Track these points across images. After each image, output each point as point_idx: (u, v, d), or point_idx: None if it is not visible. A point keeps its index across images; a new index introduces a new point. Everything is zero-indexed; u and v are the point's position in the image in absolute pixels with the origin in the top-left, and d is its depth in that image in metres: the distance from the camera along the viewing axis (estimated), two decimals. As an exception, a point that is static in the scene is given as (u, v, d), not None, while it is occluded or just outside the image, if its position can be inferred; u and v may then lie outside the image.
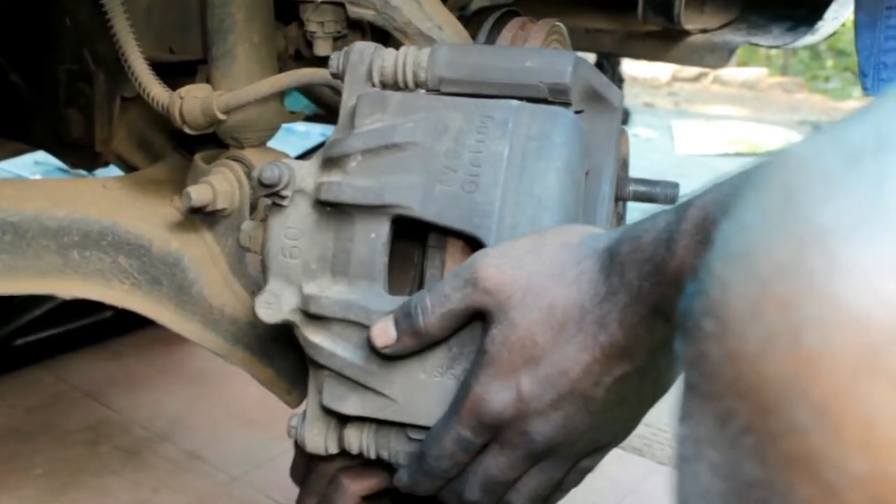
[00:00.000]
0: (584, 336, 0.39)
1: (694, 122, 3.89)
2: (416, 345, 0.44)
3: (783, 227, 0.20)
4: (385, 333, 0.44)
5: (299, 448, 0.54)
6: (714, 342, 0.21)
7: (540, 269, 0.41)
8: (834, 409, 0.18)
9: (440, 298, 0.43)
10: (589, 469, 0.46)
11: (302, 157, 1.23)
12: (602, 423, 0.42)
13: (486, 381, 0.41)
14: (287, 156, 0.70)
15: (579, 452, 0.43)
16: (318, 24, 0.65)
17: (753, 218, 0.21)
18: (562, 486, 0.45)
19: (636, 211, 0.50)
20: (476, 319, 0.43)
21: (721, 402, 0.21)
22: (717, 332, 0.21)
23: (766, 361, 0.20)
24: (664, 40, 0.94)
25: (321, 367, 0.48)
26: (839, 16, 0.85)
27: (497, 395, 0.41)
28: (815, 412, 0.19)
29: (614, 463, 0.47)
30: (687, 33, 0.89)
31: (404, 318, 0.44)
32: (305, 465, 0.55)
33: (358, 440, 0.50)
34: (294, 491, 0.58)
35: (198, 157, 0.69)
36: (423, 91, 0.52)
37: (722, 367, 0.21)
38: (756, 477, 0.20)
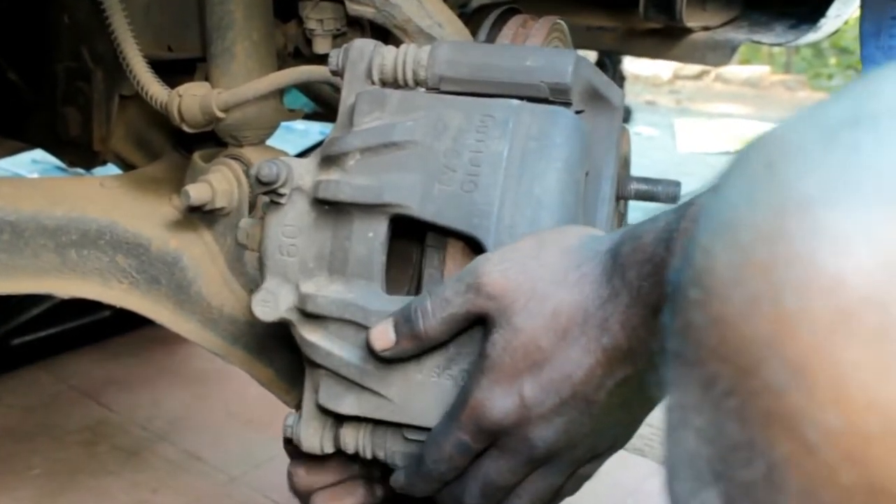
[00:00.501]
0: (587, 339, 0.39)
1: (696, 120, 3.89)
2: (416, 348, 0.44)
3: (764, 198, 0.21)
4: (384, 336, 0.44)
5: (292, 453, 0.54)
6: (699, 309, 0.22)
7: (543, 274, 0.40)
8: (809, 367, 0.19)
9: (441, 302, 0.42)
10: (588, 476, 0.45)
11: (301, 155, 1.22)
12: (603, 428, 0.42)
13: (487, 387, 0.41)
14: (286, 154, 0.70)
15: (580, 458, 0.43)
16: (318, 21, 0.65)
17: (736, 191, 0.22)
18: (560, 493, 0.45)
19: (638, 210, 0.50)
20: (476, 324, 0.43)
21: (705, 367, 0.22)
22: (701, 299, 0.22)
23: (748, 324, 0.20)
24: (666, 38, 0.93)
25: (318, 366, 0.48)
26: (842, 13, 0.85)
27: (498, 402, 0.40)
28: (792, 371, 0.20)
29: (616, 464, 0.46)
30: (689, 31, 0.89)
31: (404, 322, 0.44)
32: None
33: (354, 440, 0.50)
34: (293, 492, 0.57)
35: (196, 156, 0.69)
36: (422, 89, 0.52)
37: (706, 332, 0.22)
38: (739, 438, 0.21)
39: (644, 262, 0.37)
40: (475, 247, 0.47)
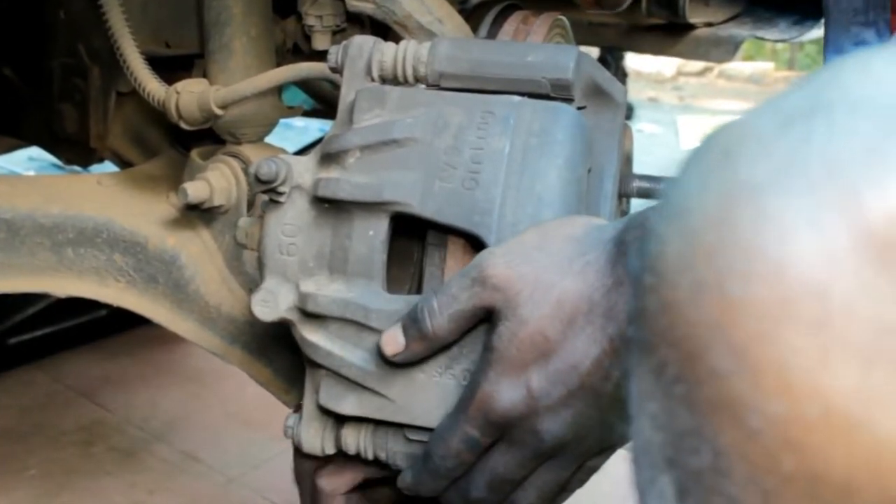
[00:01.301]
0: (593, 329, 0.39)
1: (699, 117, 3.88)
2: (426, 349, 0.43)
3: (715, 184, 0.21)
4: (394, 341, 0.43)
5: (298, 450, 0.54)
6: (651, 294, 0.22)
7: (547, 264, 0.40)
8: (752, 354, 0.19)
9: (447, 299, 0.42)
10: (595, 469, 0.45)
11: (300, 152, 1.22)
12: (611, 421, 0.41)
13: (494, 379, 0.40)
14: (285, 151, 0.69)
15: (587, 451, 0.43)
16: (317, 17, 0.65)
17: (692, 177, 0.22)
18: (567, 487, 0.45)
19: (640, 208, 0.49)
20: (484, 321, 0.43)
21: (656, 353, 0.22)
22: (654, 285, 0.22)
23: (694, 309, 0.21)
24: (669, 34, 0.93)
25: (318, 366, 0.48)
26: (846, 10, 0.84)
27: (506, 394, 0.40)
28: (735, 357, 0.20)
29: (618, 463, 0.46)
30: (692, 27, 0.89)
31: (411, 324, 0.43)
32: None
33: (355, 440, 0.49)
34: (292, 493, 0.57)
35: (194, 153, 0.69)
36: (422, 86, 0.51)
37: (657, 318, 0.22)
38: (687, 425, 0.21)
39: None
40: (476, 244, 0.46)
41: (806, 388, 0.19)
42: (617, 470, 0.48)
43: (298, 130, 2.49)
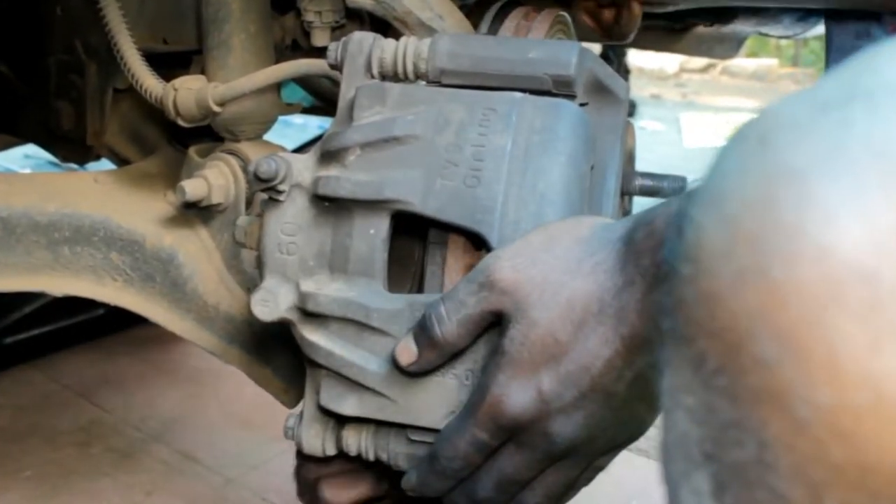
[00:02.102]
0: (605, 329, 0.38)
1: (702, 114, 3.87)
2: (439, 357, 0.43)
3: (754, 169, 0.21)
4: (407, 351, 0.43)
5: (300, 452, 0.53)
6: (689, 284, 0.22)
7: (555, 265, 0.40)
8: (799, 340, 0.19)
9: (455, 305, 0.42)
10: (602, 468, 0.45)
11: (299, 150, 1.21)
12: (623, 421, 0.41)
13: (504, 383, 0.40)
14: (284, 149, 0.69)
15: (598, 451, 0.42)
16: (316, 13, 0.64)
17: (729, 164, 0.22)
18: (574, 486, 0.44)
19: (643, 206, 0.49)
20: (493, 325, 0.42)
21: (695, 345, 0.21)
22: (692, 274, 0.22)
23: (736, 297, 0.20)
24: (671, 31, 0.93)
25: (319, 366, 0.47)
26: (851, 5, 0.84)
27: (516, 397, 0.40)
28: (781, 344, 0.19)
29: (621, 465, 0.46)
30: (695, 23, 0.88)
31: (421, 332, 0.43)
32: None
33: (356, 441, 0.49)
34: (291, 494, 0.56)
35: (192, 151, 0.68)
36: (423, 83, 0.51)
37: (696, 308, 0.21)
38: (729, 417, 0.21)
39: (658, 248, 0.37)
40: (478, 243, 0.46)
41: (856, 375, 0.18)
42: (619, 471, 0.48)
43: (297, 128, 2.49)
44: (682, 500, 0.23)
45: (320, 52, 0.58)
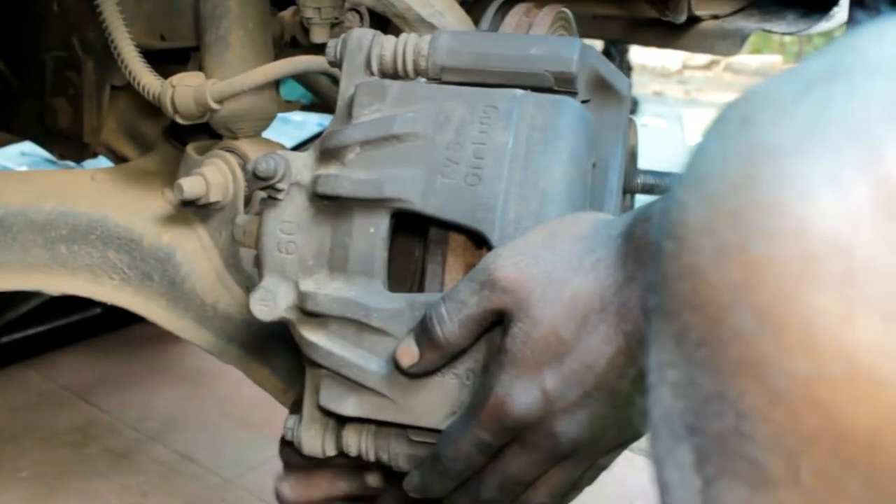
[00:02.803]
0: (607, 327, 0.38)
1: (705, 111, 3.86)
2: (441, 358, 0.43)
3: (735, 149, 0.21)
4: (409, 352, 0.43)
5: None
6: (672, 260, 0.22)
7: (556, 263, 0.40)
8: (776, 312, 0.20)
9: (456, 305, 0.41)
10: (606, 466, 0.44)
11: (298, 147, 1.21)
12: (626, 418, 0.41)
13: (507, 383, 0.40)
14: (283, 147, 0.69)
15: (602, 449, 0.42)
16: (315, 9, 0.64)
17: (711, 144, 0.23)
18: (577, 485, 0.44)
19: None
20: (495, 325, 0.42)
21: (678, 319, 0.22)
22: (675, 251, 0.22)
23: (717, 272, 0.21)
24: (674, 27, 0.92)
25: (318, 366, 0.47)
26: (854, 2, 0.84)
27: (520, 397, 0.39)
28: (759, 317, 0.20)
29: (623, 465, 0.45)
30: (698, 19, 0.88)
31: (422, 333, 0.43)
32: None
33: (357, 442, 0.48)
34: (289, 494, 0.56)
35: (190, 148, 0.68)
36: (423, 80, 0.50)
37: (679, 283, 0.22)
38: (710, 389, 0.21)
39: None
40: (479, 241, 0.45)
41: (830, 345, 0.19)
42: (621, 472, 0.48)
43: (296, 125, 2.48)
44: (667, 475, 0.23)
45: (320, 49, 0.57)
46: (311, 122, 2.48)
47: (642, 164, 0.61)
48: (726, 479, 0.21)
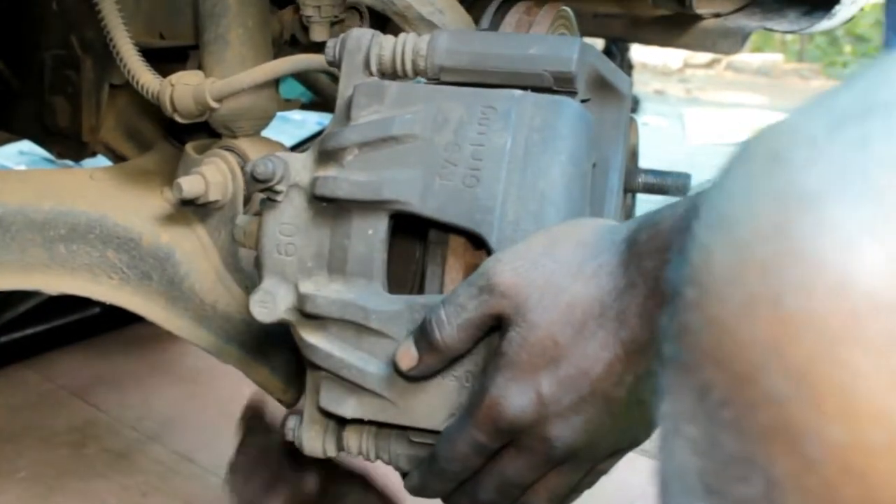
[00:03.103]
0: (605, 333, 0.38)
1: (706, 110, 3.84)
2: (439, 362, 0.43)
3: (766, 192, 0.20)
4: (408, 355, 0.43)
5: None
6: (695, 310, 0.21)
7: (556, 269, 0.39)
8: (813, 375, 0.18)
9: (455, 309, 0.41)
10: (605, 471, 0.45)
11: (298, 146, 1.21)
12: (623, 426, 0.41)
13: (503, 385, 0.40)
14: (282, 145, 0.69)
15: (599, 456, 0.42)
16: (315, 8, 0.63)
17: (738, 184, 0.21)
18: (577, 489, 0.44)
19: (647, 203, 0.48)
20: (494, 329, 0.42)
21: (700, 373, 0.21)
22: (697, 300, 0.21)
23: (745, 327, 0.19)
24: (675, 25, 0.92)
25: (318, 368, 0.47)
26: (857, 0, 0.83)
27: (515, 400, 0.39)
28: (793, 379, 0.18)
29: (624, 466, 0.45)
30: (699, 18, 0.88)
31: (422, 337, 0.43)
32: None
33: (357, 443, 0.49)
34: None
35: (189, 147, 0.68)
36: (422, 80, 0.50)
37: (701, 336, 0.21)
38: (734, 452, 0.20)
39: (661, 251, 0.36)
40: (479, 243, 0.45)
41: (871, 412, 0.18)
42: (622, 473, 0.47)
43: (296, 124, 2.48)
44: None
45: (319, 48, 0.57)
46: (311, 121, 2.48)
47: (643, 163, 0.61)
48: None
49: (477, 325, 0.41)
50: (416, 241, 0.51)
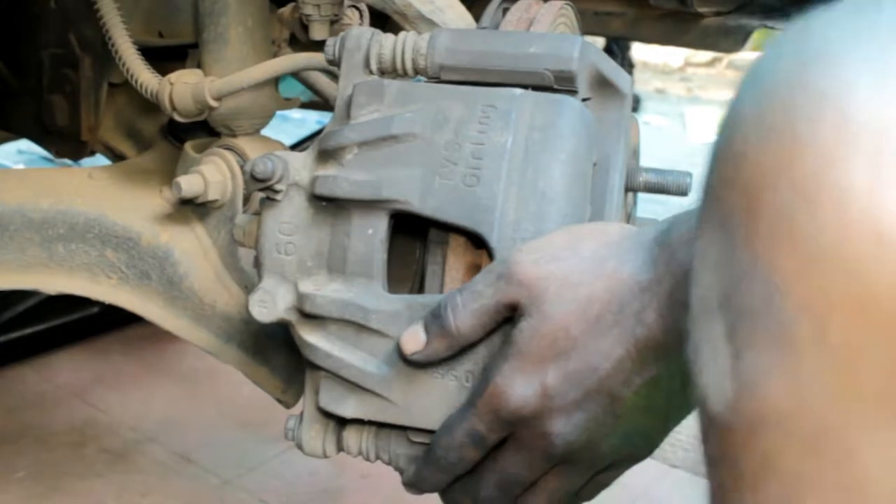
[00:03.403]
0: (620, 329, 0.38)
1: (707, 108, 3.84)
2: (448, 347, 0.42)
3: (790, 51, 0.23)
4: (415, 338, 0.42)
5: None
6: (723, 147, 0.24)
7: (577, 263, 0.40)
8: (812, 185, 0.21)
9: (471, 295, 0.41)
10: (606, 484, 0.44)
11: (297, 145, 1.21)
12: (626, 432, 0.40)
13: (509, 374, 0.39)
14: (282, 144, 0.68)
15: (600, 460, 0.42)
16: (314, 6, 0.63)
17: (770, 51, 0.24)
18: (580, 494, 0.44)
19: (648, 202, 0.48)
20: (508, 320, 0.41)
21: (724, 202, 0.24)
22: (726, 138, 0.24)
23: (762, 153, 0.23)
24: (676, 24, 0.92)
25: (318, 367, 0.47)
26: None
27: (519, 389, 0.39)
28: (796, 190, 0.22)
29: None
30: (700, 16, 0.88)
31: (433, 320, 0.42)
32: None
33: (357, 443, 0.49)
34: (288, 495, 0.56)
35: (188, 146, 0.68)
36: (422, 79, 0.50)
37: (725, 166, 0.24)
38: (745, 263, 0.23)
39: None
40: (479, 243, 0.45)
41: (860, 212, 0.20)
42: (622, 476, 0.47)
43: (296, 122, 2.48)
44: (700, 351, 0.25)
45: (319, 46, 0.57)
46: (311, 120, 2.48)
47: (644, 161, 0.61)
48: (756, 347, 0.22)
49: (491, 313, 0.41)
50: (416, 241, 0.51)
